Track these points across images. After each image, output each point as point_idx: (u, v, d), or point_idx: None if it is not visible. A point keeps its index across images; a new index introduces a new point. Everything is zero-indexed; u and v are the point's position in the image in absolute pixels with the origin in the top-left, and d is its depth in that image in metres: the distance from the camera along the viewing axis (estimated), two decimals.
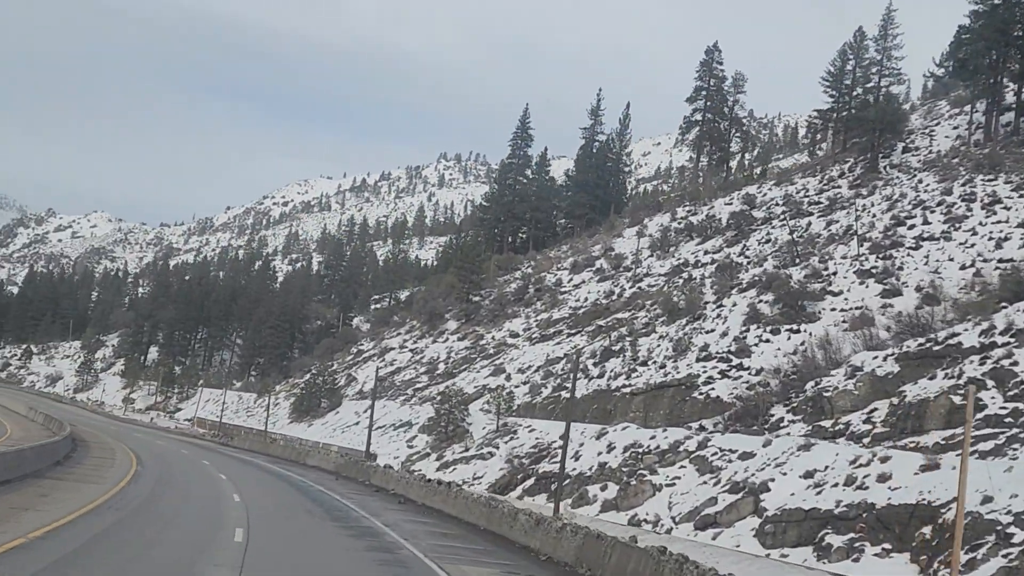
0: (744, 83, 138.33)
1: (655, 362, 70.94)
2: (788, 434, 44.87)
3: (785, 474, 38.52)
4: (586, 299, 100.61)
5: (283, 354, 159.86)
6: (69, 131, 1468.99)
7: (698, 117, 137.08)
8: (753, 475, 40.00)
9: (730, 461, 43.61)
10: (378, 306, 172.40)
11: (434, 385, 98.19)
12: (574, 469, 53.70)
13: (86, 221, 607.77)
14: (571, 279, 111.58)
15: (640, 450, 51.96)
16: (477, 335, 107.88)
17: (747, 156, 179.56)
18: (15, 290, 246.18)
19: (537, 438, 63.61)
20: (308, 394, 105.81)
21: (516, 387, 79.81)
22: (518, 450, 62.29)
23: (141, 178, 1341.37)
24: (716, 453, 45.66)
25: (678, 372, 66.97)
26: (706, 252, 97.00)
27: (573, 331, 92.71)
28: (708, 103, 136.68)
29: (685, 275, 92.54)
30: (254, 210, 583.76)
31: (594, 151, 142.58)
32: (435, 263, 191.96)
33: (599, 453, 54.43)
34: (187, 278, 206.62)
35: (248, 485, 46.77)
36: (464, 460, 66.09)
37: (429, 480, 54.78)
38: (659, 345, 73.64)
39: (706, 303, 78.15)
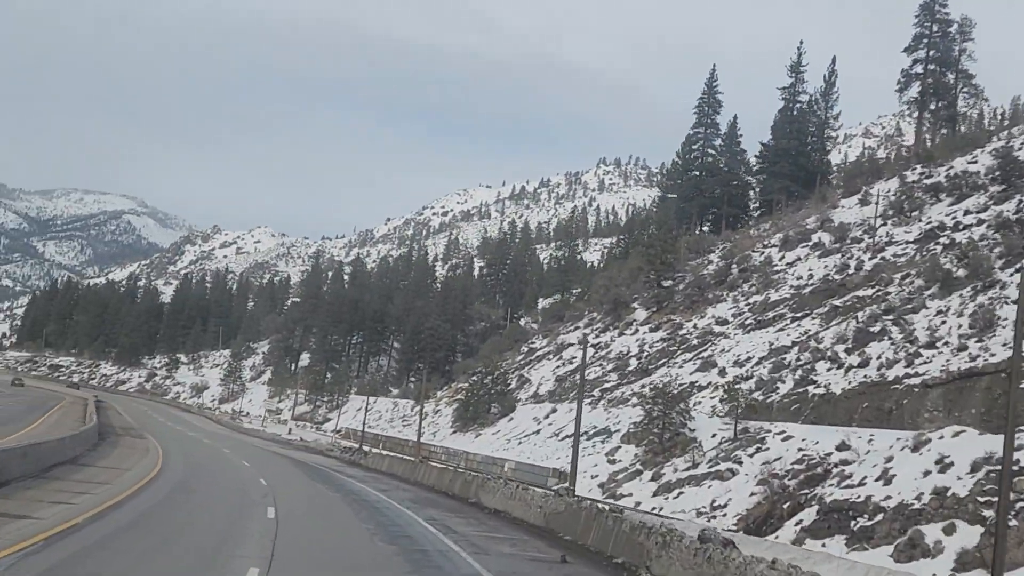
0: (972, 29, 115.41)
1: (946, 343, 50.74)
2: None
3: None
4: (809, 276, 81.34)
5: (445, 358, 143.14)
6: (233, 152, 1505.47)
7: (919, 69, 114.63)
8: None
9: None
10: (546, 303, 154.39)
11: (626, 384, 79.60)
12: (887, 498, 34.08)
13: (250, 237, 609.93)
14: (782, 256, 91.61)
15: (997, 468, 31.79)
16: (674, 324, 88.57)
17: (978, 111, 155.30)
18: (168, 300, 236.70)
19: (800, 449, 43.91)
20: (474, 398, 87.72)
21: (736, 383, 60.29)
22: (775, 466, 42.68)
23: (303, 194, 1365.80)
24: None
25: (991, 355, 46.82)
26: (967, 212, 76.42)
27: (799, 314, 73.69)
28: (931, 53, 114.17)
29: (943, 240, 72.77)
30: (414, 221, 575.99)
31: (794, 114, 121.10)
32: (601, 264, 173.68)
33: (925, 473, 34.60)
34: (345, 277, 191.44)
35: None
36: (692, 480, 46.88)
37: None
38: (944, 322, 53.39)
39: (993, 268, 58.08)
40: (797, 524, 37.08)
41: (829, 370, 56.33)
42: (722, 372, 68.28)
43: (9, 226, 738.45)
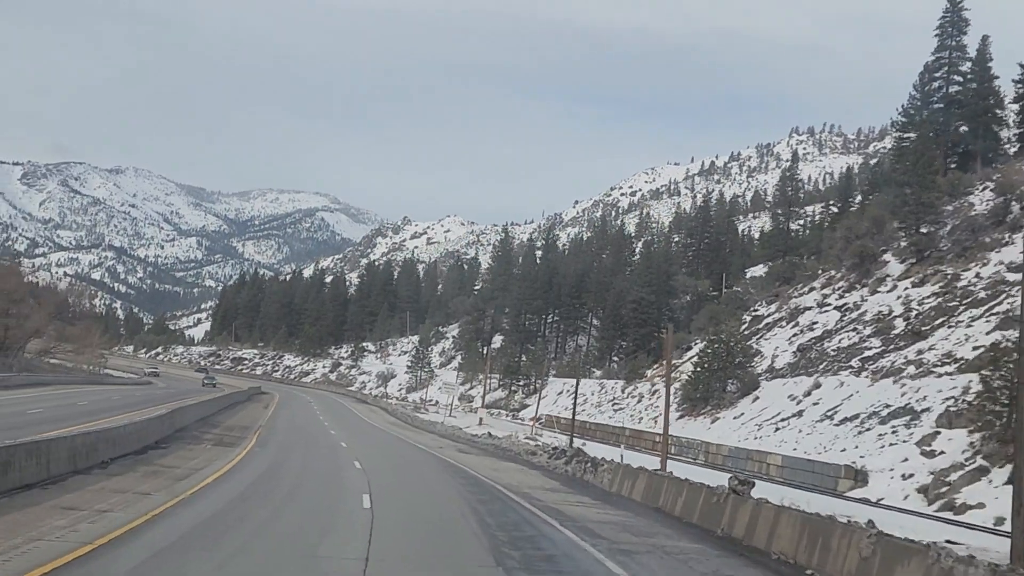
0: None
1: None
2: None
3: None
4: None
5: (650, 333, 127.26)
6: (420, 145, 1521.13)
7: None
8: None
9: None
10: (757, 271, 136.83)
11: (894, 350, 62.39)
12: None
13: (440, 227, 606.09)
14: None
15: None
16: (944, 276, 70.51)
17: None
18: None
19: None
20: (705, 374, 71.25)
21: None
22: None
23: (492, 183, 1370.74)
24: None
25: None
26: None
27: None
28: None
29: None
30: (602, 202, 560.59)
31: None
32: (808, 231, 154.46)
33: None
34: (537, 254, 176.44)
35: None
36: None
37: None
38: None
39: None
40: None
41: None
42: None
43: (210, 228, 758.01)
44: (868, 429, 44.20)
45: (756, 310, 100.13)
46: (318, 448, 40.72)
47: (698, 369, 71.60)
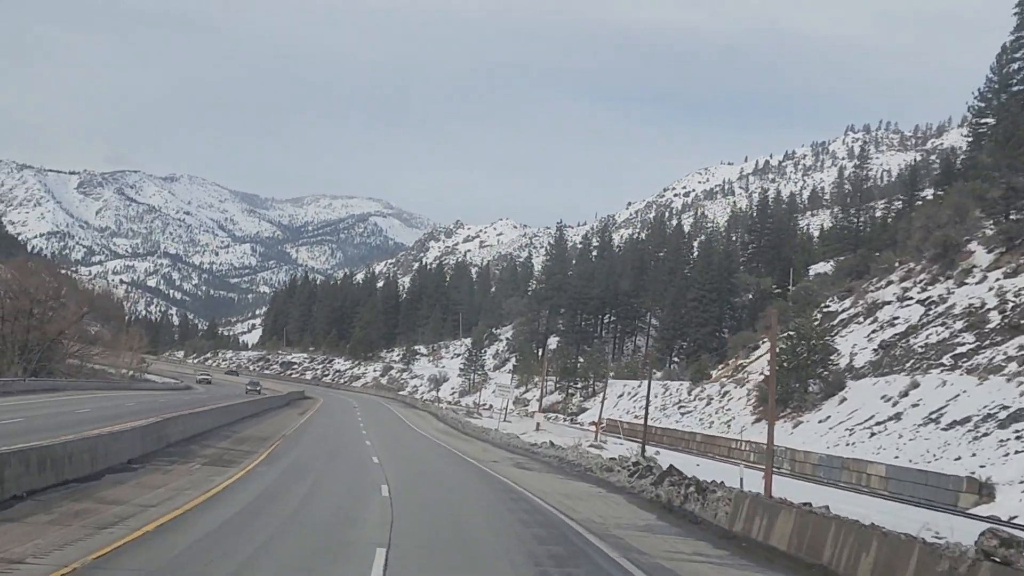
0: None
1: None
2: None
3: None
4: None
5: (711, 333, 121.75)
6: (471, 148, 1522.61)
7: None
8: None
9: None
10: (821, 268, 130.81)
11: (990, 346, 56.63)
12: None
13: (492, 230, 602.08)
14: None
15: None
16: None
17: None
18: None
19: None
20: (782, 374, 64.80)
21: None
22: None
23: (543, 185, 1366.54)
24: None
25: None
26: None
27: None
28: None
29: None
30: (655, 204, 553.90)
31: None
32: (872, 227, 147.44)
33: None
34: (593, 254, 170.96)
35: None
36: None
37: None
38: None
39: None
40: None
41: None
42: None
43: (264, 235, 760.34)
44: (985, 434, 38.42)
45: (827, 306, 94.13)
46: (342, 465, 32.57)
47: (786, 363, 65.51)
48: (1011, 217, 73.83)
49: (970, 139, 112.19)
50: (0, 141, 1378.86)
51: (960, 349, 59.52)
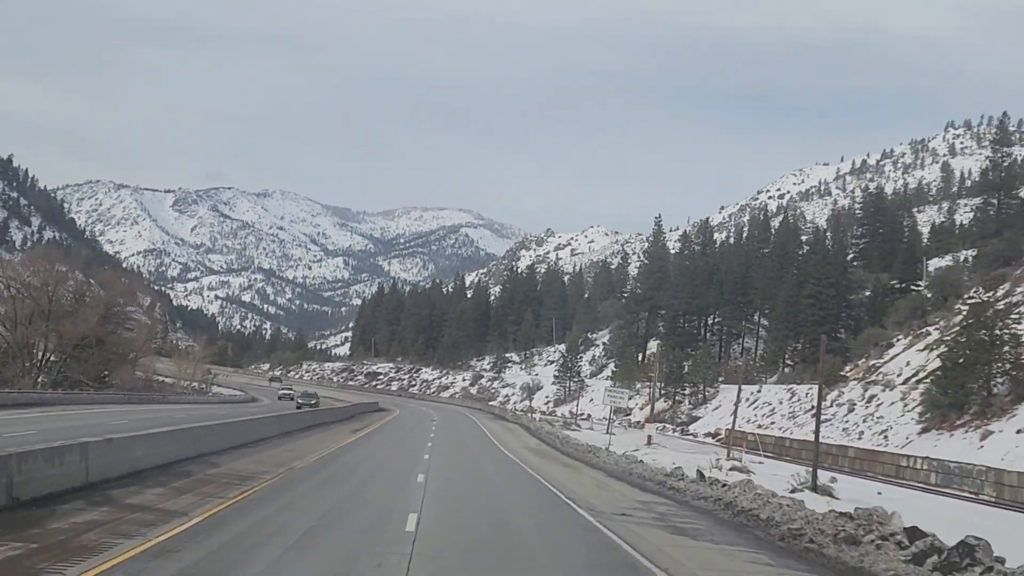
0: None
1: None
2: None
3: None
4: None
5: (829, 332, 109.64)
6: (561, 157, 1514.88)
7: None
8: None
9: None
10: (939, 262, 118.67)
11: None
12: None
13: (583, 237, 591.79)
14: None
15: None
16: None
17: None
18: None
19: None
20: (955, 372, 52.25)
21: None
22: None
23: (634, 191, 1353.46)
24: None
25: None
26: None
27: None
28: None
29: None
30: (749, 206, 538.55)
31: None
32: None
33: None
34: (696, 246, 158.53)
35: None
36: None
37: None
38: None
39: None
40: None
41: None
42: None
43: (356, 248, 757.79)
44: None
45: (971, 297, 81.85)
46: (329, 543, 15.49)
47: (947, 365, 53.24)
48: None
49: None
50: (97, 162, 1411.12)
51: None
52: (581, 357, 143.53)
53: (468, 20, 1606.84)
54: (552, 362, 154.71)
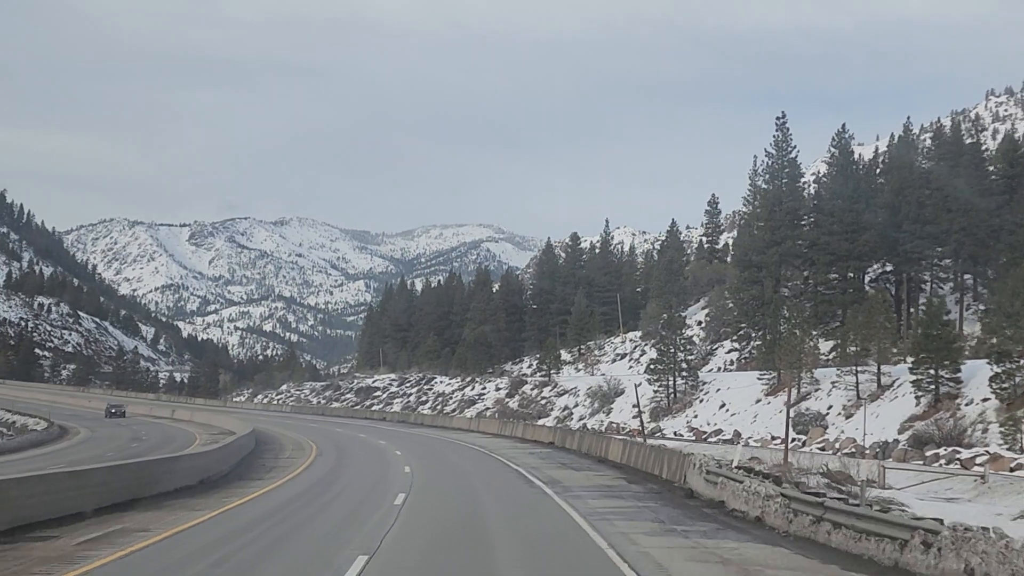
0: None
1: None
2: None
3: None
4: None
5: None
6: (575, 162, 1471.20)
7: None
8: None
9: None
10: None
11: None
12: None
13: (612, 238, 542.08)
14: None
15: None
16: None
17: None
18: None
19: None
20: None
21: None
22: None
23: (657, 192, 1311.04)
24: None
25: None
26: None
27: None
28: None
29: None
30: None
31: None
32: None
33: None
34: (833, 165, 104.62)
35: None
36: None
37: None
38: None
39: None
40: None
41: None
42: None
43: (377, 270, 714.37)
44: None
45: None
46: None
47: None
48: None
49: None
50: (111, 200, 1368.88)
51: None
52: (678, 339, 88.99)
53: (481, 38, 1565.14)
54: (623, 356, 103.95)
